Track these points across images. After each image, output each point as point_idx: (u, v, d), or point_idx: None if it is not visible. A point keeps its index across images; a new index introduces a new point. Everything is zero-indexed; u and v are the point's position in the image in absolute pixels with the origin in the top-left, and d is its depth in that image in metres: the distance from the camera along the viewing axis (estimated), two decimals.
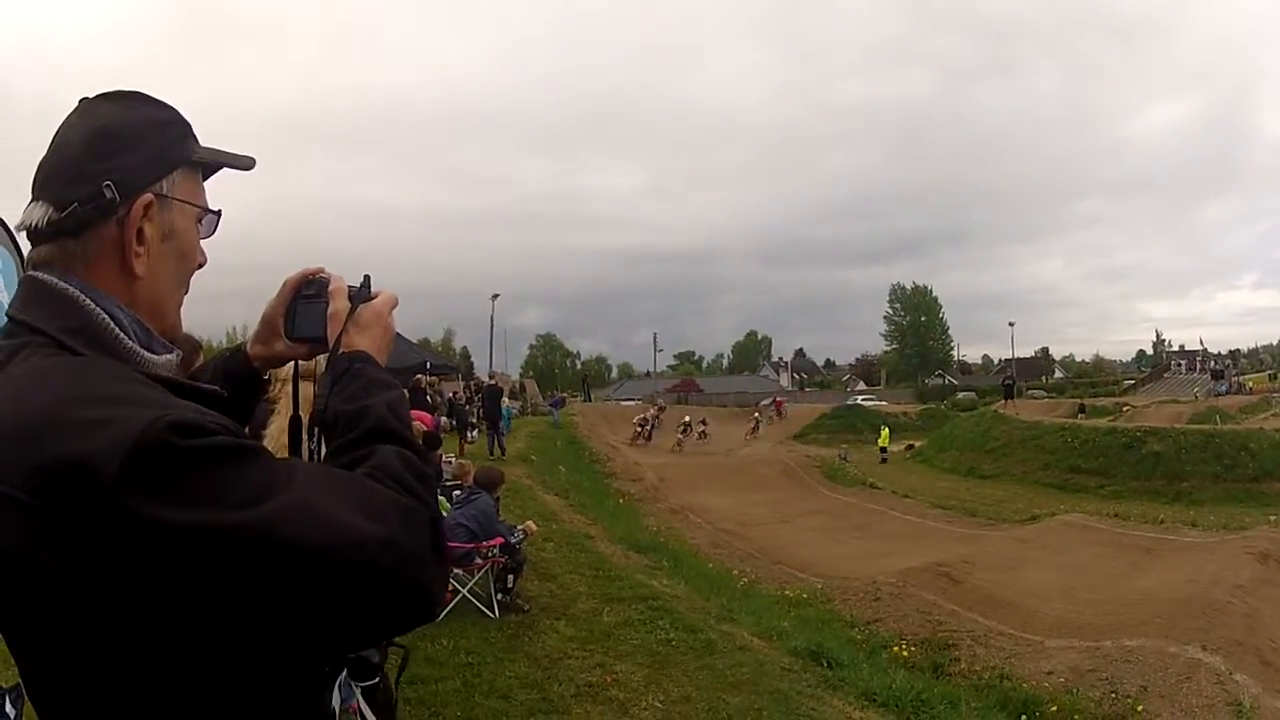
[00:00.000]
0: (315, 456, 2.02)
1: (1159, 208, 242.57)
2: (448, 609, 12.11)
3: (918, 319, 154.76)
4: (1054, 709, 15.03)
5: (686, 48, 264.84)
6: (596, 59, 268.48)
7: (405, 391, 2.09)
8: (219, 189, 2.08)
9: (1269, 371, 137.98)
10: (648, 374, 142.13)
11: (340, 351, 2.12)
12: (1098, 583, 23.85)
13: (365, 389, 2.00)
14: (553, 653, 11.21)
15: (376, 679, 4.74)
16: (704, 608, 14.96)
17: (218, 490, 1.53)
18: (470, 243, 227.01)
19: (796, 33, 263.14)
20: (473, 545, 12.57)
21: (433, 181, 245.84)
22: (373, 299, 2.24)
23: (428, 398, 29.77)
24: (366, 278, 2.28)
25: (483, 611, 12.38)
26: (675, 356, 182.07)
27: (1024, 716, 14.64)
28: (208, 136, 2.02)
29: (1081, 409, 77.28)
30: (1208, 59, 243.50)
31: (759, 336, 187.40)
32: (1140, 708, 15.21)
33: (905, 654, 17.33)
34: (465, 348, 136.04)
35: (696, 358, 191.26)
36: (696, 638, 12.22)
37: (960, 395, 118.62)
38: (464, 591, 12.42)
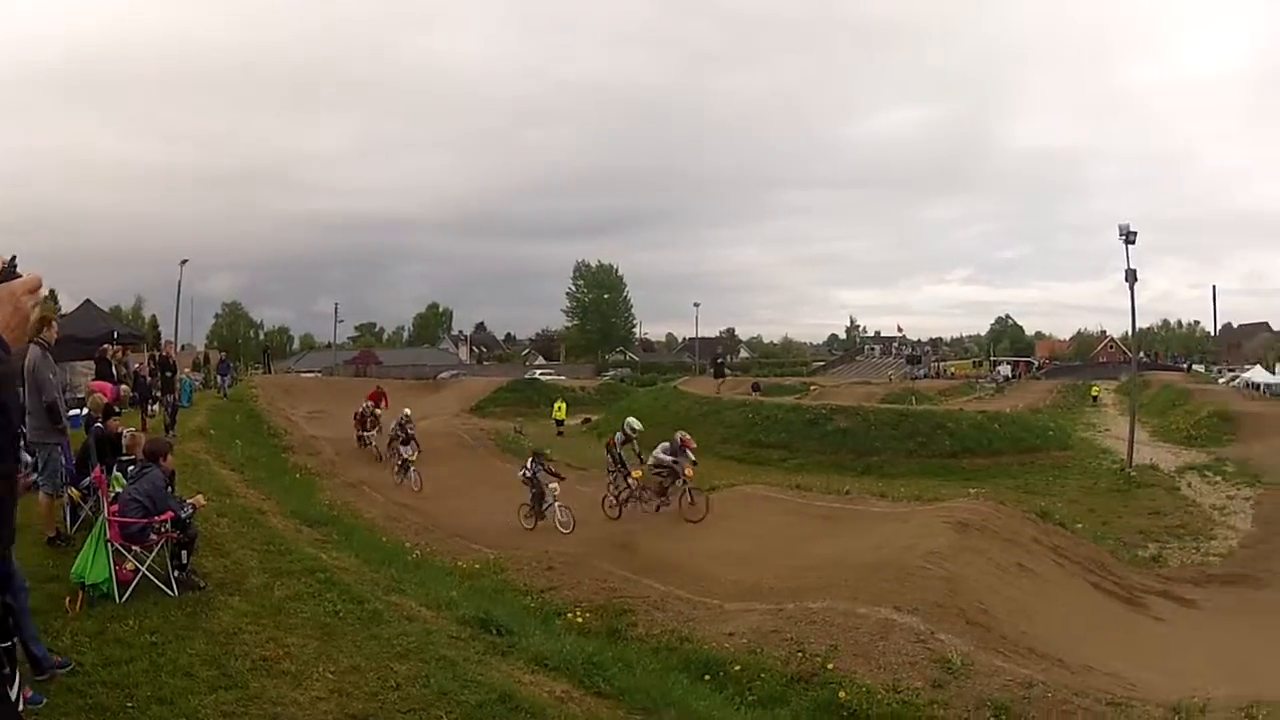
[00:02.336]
0: None
1: (876, 203, 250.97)
2: (130, 588, 12.00)
3: (601, 296, 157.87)
4: (737, 668, 15.38)
5: (422, 10, 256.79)
6: (321, 14, 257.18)
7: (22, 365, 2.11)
8: None
9: (974, 359, 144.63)
10: (329, 345, 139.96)
11: None
12: (780, 549, 24.68)
13: None
14: (229, 628, 11.20)
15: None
16: (372, 579, 15.20)
17: None
18: (165, 204, 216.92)
19: (542, 7, 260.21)
20: (147, 520, 12.36)
21: (132, 138, 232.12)
22: (13, 279, 2.25)
23: (113, 369, 28.88)
24: (12, 259, 2.37)
25: (162, 590, 12.16)
26: (357, 327, 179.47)
27: (707, 676, 14.92)
28: None
29: (756, 387, 79.94)
30: (954, 71, 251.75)
31: (440, 308, 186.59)
32: (831, 665, 15.57)
33: (580, 620, 17.59)
34: (154, 316, 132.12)
35: (378, 329, 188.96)
36: (364, 609, 12.49)
37: (612, 373, 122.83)
38: (143, 569, 12.19)
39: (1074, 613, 22.53)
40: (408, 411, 41.34)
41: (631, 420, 34.78)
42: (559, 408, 66.52)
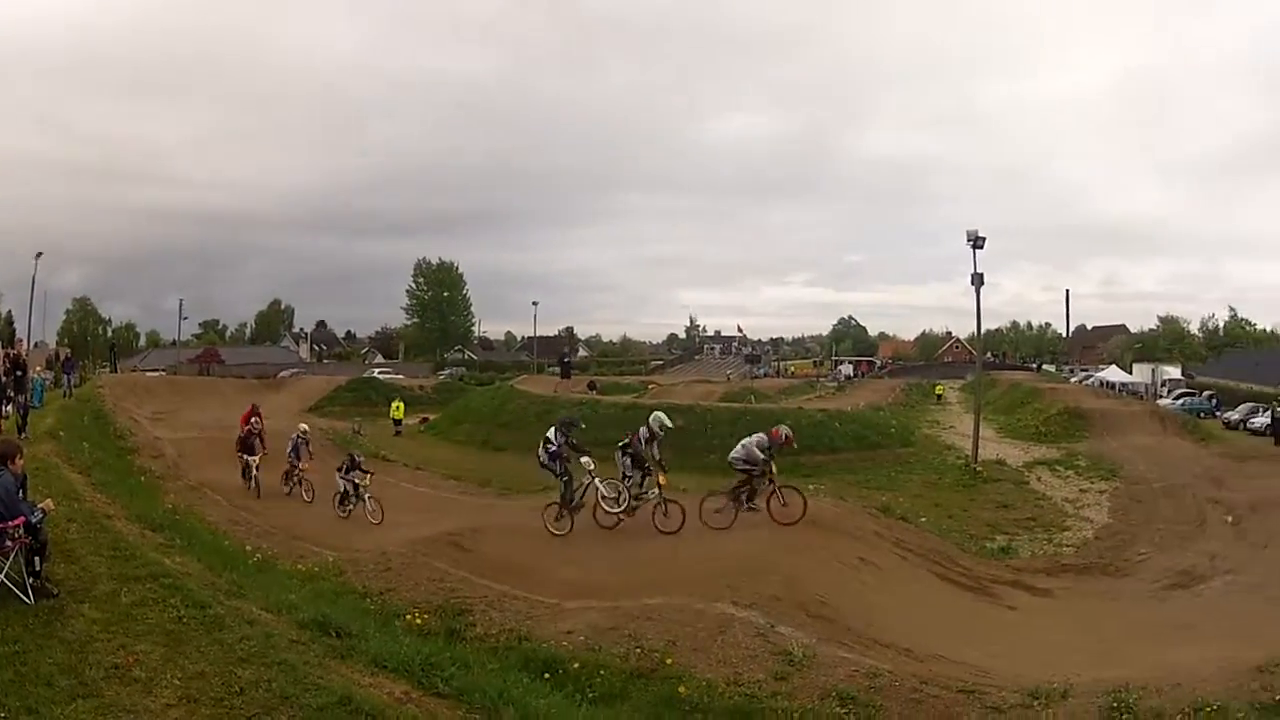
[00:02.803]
0: None
1: (721, 207, 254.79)
2: None
3: (440, 294, 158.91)
4: (576, 666, 15.60)
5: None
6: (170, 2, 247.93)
7: None
8: None
9: (814, 359, 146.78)
10: (174, 343, 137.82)
11: None
12: (616, 546, 25.02)
13: None
14: (82, 636, 11.48)
15: None
16: (214, 584, 15.31)
17: None
18: (21, 192, 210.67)
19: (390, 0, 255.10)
20: (2, 526, 12.54)
21: None
22: None
23: None
24: None
25: (20, 598, 12.36)
26: (200, 324, 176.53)
27: (546, 674, 15.15)
28: None
29: (592, 385, 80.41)
30: (805, 79, 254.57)
31: (282, 305, 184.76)
32: (669, 660, 15.88)
33: (419, 621, 17.63)
34: (10, 311, 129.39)
35: (221, 326, 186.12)
36: (206, 614, 12.69)
37: (448, 371, 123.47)
38: (2, 576, 12.38)
39: (920, 604, 22.96)
40: (304, 428, 39.11)
41: (661, 416, 29.19)
42: (396, 407, 66.70)
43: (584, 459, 26.98)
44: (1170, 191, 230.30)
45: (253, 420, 38.49)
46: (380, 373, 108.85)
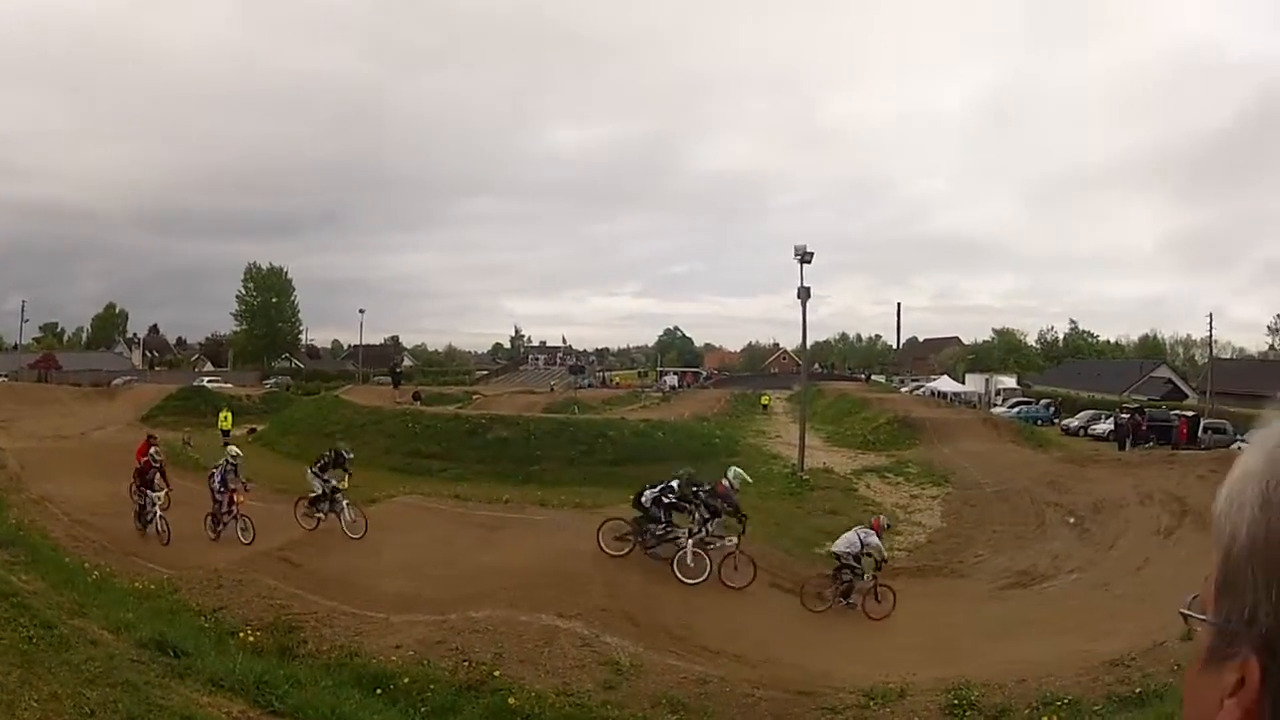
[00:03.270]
0: None
1: (555, 216, 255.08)
2: None
3: (269, 300, 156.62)
4: (407, 680, 16.16)
5: None
6: None
7: None
8: None
9: (639, 369, 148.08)
10: (15, 347, 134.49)
11: None
12: (440, 559, 25.30)
13: None
14: None
15: None
16: (58, 603, 15.30)
17: None
18: None
19: None
20: None
21: None
22: None
23: None
24: None
25: None
26: (40, 328, 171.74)
27: (379, 690, 15.67)
28: None
29: (417, 396, 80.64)
30: (649, 91, 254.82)
31: (117, 310, 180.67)
32: (498, 673, 16.51)
33: (252, 639, 17.86)
34: None
35: (59, 330, 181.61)
36: (53, 634, 12.74)
37: (273, 380, 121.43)
38: None
39: (750, 610, 23.56)
40: (235, 451, 35.75)
41: (741, 472, 27.89)
42: (225, 417, 64.90)
43: (716, 522, 25.74)
44: (1012, 209, 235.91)
45: (152, 450, 34.90)
46: (209, 382, 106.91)
